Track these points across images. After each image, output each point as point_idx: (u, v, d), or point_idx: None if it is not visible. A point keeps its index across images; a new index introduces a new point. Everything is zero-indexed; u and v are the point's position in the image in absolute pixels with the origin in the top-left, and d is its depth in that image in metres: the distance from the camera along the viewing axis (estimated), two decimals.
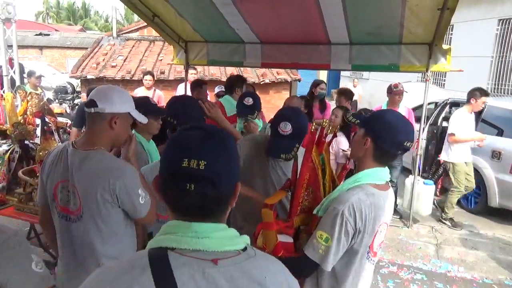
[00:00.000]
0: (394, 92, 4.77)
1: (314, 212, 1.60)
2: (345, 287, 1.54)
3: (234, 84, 3.87)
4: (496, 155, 4.99)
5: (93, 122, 1.64)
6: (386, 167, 1.57)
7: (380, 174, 1.55)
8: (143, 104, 2.09)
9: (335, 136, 1.87)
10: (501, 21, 9.28)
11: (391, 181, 4.28)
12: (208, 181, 0.81)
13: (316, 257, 1.46)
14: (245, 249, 0.87)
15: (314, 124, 1.79)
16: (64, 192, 1.61)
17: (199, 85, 4.59)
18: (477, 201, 5.32)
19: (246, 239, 0.89)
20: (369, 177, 1.52)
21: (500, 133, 5.12)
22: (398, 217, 5.01)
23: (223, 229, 0.86)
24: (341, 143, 3.85)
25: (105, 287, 0.78)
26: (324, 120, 1.85)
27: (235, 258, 0.83)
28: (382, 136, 1.50)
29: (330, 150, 2.49)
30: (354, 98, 10.50)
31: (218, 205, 0.86)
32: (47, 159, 1.70)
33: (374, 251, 1.57)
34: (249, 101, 2.76)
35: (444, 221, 4.93)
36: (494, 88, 9.57)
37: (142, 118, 1.77)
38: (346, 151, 3.82)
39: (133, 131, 2.08)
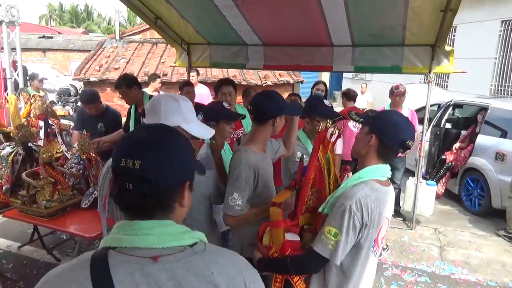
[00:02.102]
0: (395, 94, 4.76)
1: (319, 210, 1.63)
2: (352, 280, 1.58)
3: None
4: (500, 156, 4.97)
5: None
6: (388, 164, 1.62)
7: (382, 170, 1.60)
8: (215, 109, 2.05)
9: (339, 136, 1.88)
10: (504, 22, 9.25)
11: (394, 182, 4.25)
12: (144, 181, 0.82)
13: (326, 252, 1.50)
14: (194, 245, 0.86)
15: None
16: (111, 204, 1.55)
17: (181, 87, 4.62)
18: (481, 202, 5.29)
19: (198, 235, 0.88)
20: (372, 173, 1.57)
21: (504, 134, 5.10)
22: (402, 219, 4.99)
23: (166, 225, 0.85)
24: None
25: (47, 281, 0.80)
26: (328, 121, 1.87)
27: (178, 255, 0.82)
28: (387, 133, 1.56)
29: None
30: (363, 106, 10.48)
31: (158, 204, 0.85)
32: (102, 171, 1.65)
33: (378, 245, 1.62)
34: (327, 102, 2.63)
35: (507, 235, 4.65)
36: (498, 90, 9.54)
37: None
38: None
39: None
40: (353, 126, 4.53)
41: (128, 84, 3.64)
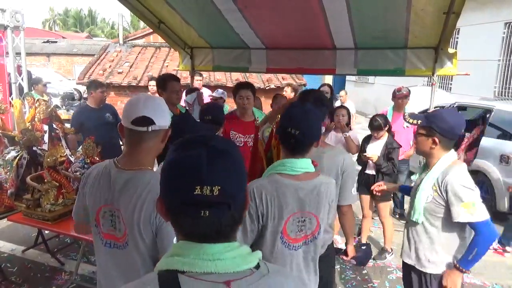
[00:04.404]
0: (397, 96, 4.76)
1: None
2: None
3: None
4: (504, 159, 4.94)
5: (144, 140, 1.43)
6: (303, 159, 1.65)
7: (288, 165, 1.64)
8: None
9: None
10: (507, 25, 9.23)
11: None
12: (223, 206, 0.77)
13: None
14: (257, 266, 0.83)
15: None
16: (107, 217, 1.45)
17: (193, 91, 4.82)
18: (485, 205, 5.25)
19: (258, 255, 0.85)
20: (275, 168, 1.67)
21: (509, 137, 5.07)
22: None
23: (235, 248, 0.82)
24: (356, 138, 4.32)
25: None
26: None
27: (248, 278, 0.79)
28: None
29: (327, 142, 2.68)
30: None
31: (233, 226, 0.82)
32: (87, 179, 1.53)
33: (291, 238, 1.64)
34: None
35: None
36: (501, 92, 9.50)
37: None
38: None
39: None
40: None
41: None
